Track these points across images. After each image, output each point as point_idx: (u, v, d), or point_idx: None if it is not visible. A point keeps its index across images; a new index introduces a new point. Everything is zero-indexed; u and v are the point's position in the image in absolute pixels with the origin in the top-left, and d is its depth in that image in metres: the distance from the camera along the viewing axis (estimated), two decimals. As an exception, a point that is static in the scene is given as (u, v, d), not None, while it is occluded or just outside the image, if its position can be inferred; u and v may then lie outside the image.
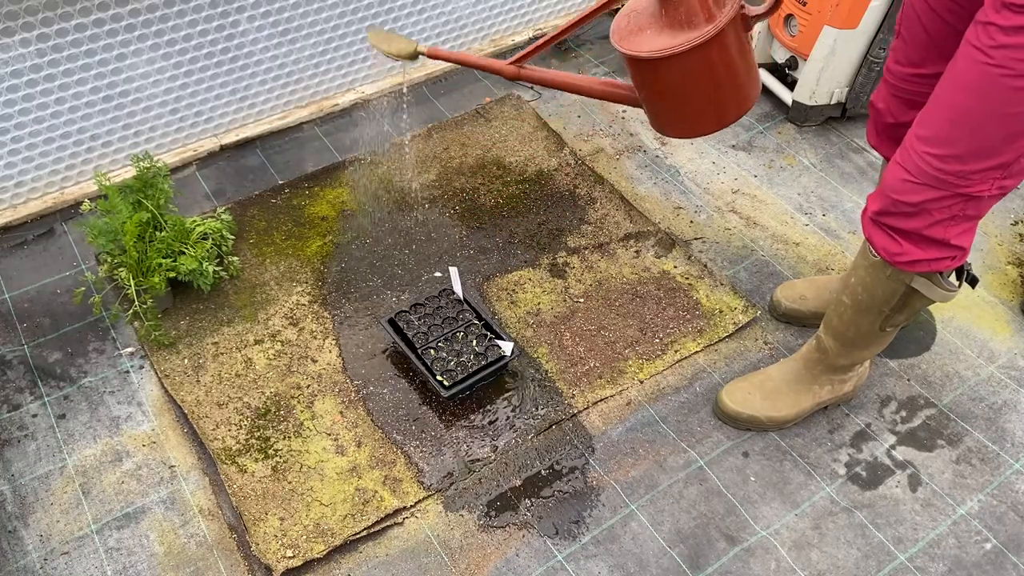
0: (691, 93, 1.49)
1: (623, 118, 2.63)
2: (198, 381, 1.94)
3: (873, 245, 1.55)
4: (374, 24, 2.49)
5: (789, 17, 2.49)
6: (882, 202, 1.48)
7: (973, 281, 1.63)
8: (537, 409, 1.92)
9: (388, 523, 1.74)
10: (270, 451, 1.83)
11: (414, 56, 1.70)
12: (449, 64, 2.72)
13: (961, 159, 1.36)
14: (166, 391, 1.93)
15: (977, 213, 1.45)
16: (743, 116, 1.56)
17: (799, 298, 2.07)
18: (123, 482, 1.79)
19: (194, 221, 2.09)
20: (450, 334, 1.97)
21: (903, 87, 1.66)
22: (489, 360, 1.91)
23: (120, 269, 1.98)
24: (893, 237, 1.51)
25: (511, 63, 1.64)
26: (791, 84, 2.60)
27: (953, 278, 1.59)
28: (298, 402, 1.91)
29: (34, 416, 1.89)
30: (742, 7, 1.39)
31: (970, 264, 1.59)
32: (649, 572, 1.68)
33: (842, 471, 1.84)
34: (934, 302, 1.59)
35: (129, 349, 2.01)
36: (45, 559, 1.67)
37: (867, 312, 1.66)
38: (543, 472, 1.82)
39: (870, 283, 1.61)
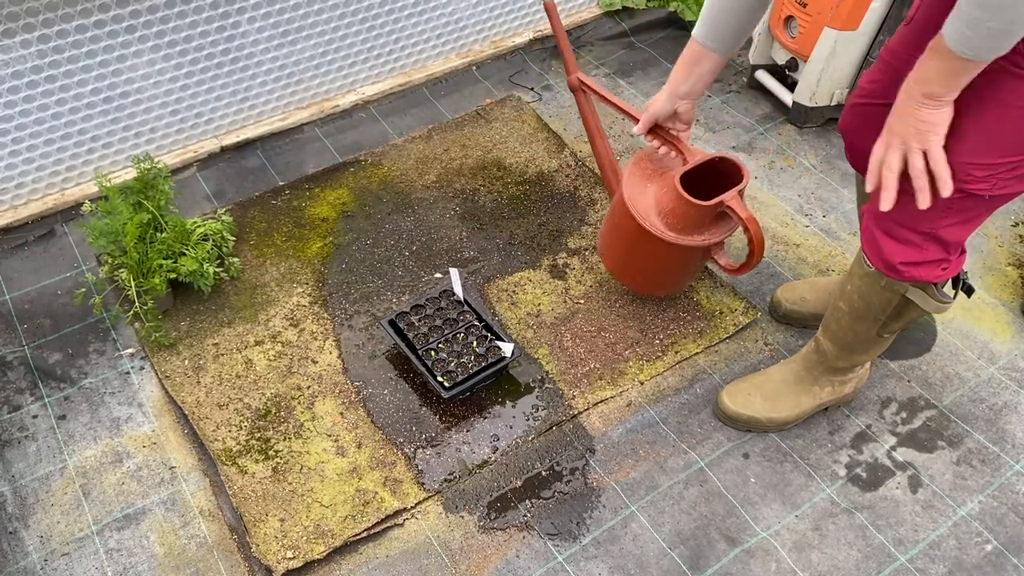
0: (632, 255, 1.93)
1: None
2: (198, 382, 1.94)
3: (864, 252, 1.55)
4: (374, 25, 2.49)
5: (789, 19, 2.50)
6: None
7: (969, 290, 1.61)
8: (537, 410, 1.92)
9: (388, 524, 1.74)
10: (270, 452, 1.83)
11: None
12: (449, 65, 2.73)
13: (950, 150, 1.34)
14: (166, 392, 1.93)
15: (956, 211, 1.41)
16: (651, 295, 2.10)
17: (800, 299, 2.07)
18: (123, 483, 1.79)
19: (195, 222, 2.09)
20: (450, 335, 1.97)
21: (874, 113, 1.49)
22: (489, 361, 1.91)
23: (121, 270, 1.98)
24: (875, 240, 1.50)
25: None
26: (791, 85, 2.60)
27: (949, 288, 1.59)
28: (298, 403, 1.91)
29: (34, 417, 1.89)
30: (713, 247, 1.82)
31: (967, 273, 1.58)
32: (649, 573, 1.68)
33: (842, 472, 1.84)
34: (929, 313, 1.59)
35: (129, 350, 2.01)
36: (45, 560, 1.67)
37: (863, 319, 1.65)
38: (543, 473, 1.82)
39: (866, 291, 1.60)
